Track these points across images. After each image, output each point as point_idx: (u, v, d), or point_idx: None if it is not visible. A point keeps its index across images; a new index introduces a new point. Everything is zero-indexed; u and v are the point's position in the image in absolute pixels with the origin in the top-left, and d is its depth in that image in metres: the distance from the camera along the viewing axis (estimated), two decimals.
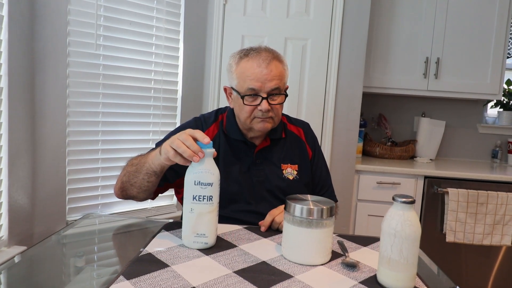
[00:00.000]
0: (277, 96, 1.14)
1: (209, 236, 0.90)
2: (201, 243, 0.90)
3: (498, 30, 2.33)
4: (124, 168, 1.11)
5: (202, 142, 0.87)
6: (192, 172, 0.88)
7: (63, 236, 1.03)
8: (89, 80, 1.77)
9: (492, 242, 2.09)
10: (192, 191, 0.88)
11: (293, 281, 0.77)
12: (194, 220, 0.89)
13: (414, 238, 0.74)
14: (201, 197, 0.88)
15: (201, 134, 0.88)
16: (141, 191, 1.08)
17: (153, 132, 2.00)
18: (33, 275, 0.82)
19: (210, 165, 0.89)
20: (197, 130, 0.90)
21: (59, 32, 1.64)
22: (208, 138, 0.87)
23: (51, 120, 1.65)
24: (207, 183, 0.88)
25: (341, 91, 2.16)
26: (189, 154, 0.86)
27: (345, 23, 2.12)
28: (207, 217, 0.89)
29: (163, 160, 0.93)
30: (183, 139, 0.87)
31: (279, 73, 1.14)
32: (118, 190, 1.13)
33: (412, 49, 2.39)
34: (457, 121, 2.74)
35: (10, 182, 1.53)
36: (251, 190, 1.19)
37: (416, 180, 2.18)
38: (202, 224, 0.89)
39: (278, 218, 1.04)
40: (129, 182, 1.07)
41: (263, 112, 1.12)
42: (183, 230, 0.92)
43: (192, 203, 0.88)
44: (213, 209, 0.90)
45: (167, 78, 2.04)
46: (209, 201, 0.88)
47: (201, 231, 0.89)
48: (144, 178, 1.03)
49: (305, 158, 1.29)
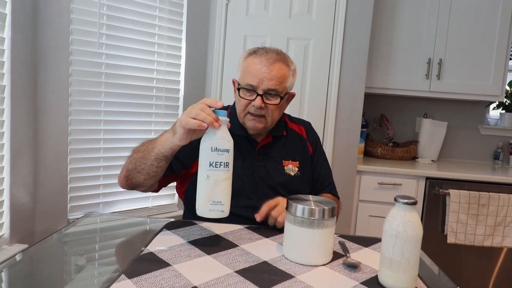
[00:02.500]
0: (273, 97, 1.14)
1: (225, 204, 0.90)
2: (217, 211, 0.89)
3: (501, 31, 2.32)
4: (130, 156, 1.10)
5: (215, 106, 0.90)
6: (209, 139, 0.89)
7: (64, 234, 1.03)
8: (91, 79, 1.77)
9: (493, 243, 2.09)
10: (208, 158, 0.88)
11: (294, 281, 0.77)
12: (210, 187, 0.88)
13: (415, 240, 0.74)
14: (217, 163, 0.88)
15: (212, 100, 0.91)
16: (149, 177, 1.07)
17: (154, 131, 2.00)
18: (34, 273, 0.82)
19: (225, 132, 0.90)
20: (206, 98, 0.93)
21: (62, 31, 1.64)
22: (221, 102, 0.91)
23: (53, 119, 1.66)
24: (224, 149, 0.88)
25: (343, 91, 2.16)
26: (210, 120, 0.87)
27: (347, 23, 2.12)
28: (223, 184, 0.89)
29: (179, 138, 0.94)
30: (201, 108, 0.89)
31: (281, 75, 1.14)
32: (123, 179, 1.11)
33: (414, 50, 2.38)
34: (459, 122, 2.74)
35: (12, 180, 1.53)
36: (253, 185, 1.20)
37: (418, 181, 2.18)
38: (219, 191, 0.89)
39: (275, 212, 1.04)
40: (135, 169, 1.06)
41: (256, 109, 1.13)
42: (198, 199, 0.90)
43: (209, 169, 0.88)
44: (229, 176, 0.90)
45: (169, 78, 2.04)
46: (225, 167, 0.89)
47: (218, 199, 0.89)
48: (153, 164, 1.03)
49: (306, 155, 1.31)
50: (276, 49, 1.18)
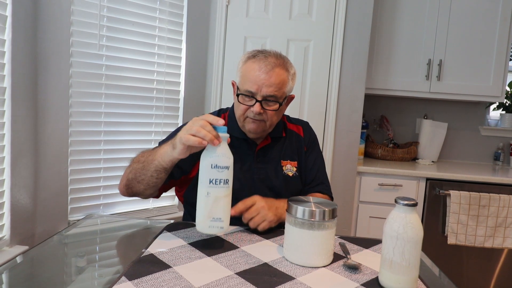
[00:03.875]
0: (272, 103, 1.14)
1: (224, 221, 0.90)
2: (217, 227, 0.90)
3: (501, 32, 2.33)
4: (130, 166, 1.11)
5: (217, 125, 0.89)
6: (209, 156, 0.89)
7: (65, 236, 1.03)
8: (91, 80, 1.77)
9: (493, 244, 2.09)
10: (208, 175, 0.88)
11: (294, 283, 0.77)
12: (210, 204, 0.89)
13: (416, 241, 0.74)
14: (217, 181, 0.88)
15: (214, 117, 0.90)
16: (149, 188, 1.08)
17: (155, 133, 2.01)
18: (35, 275, 0.82)
19: (225, 149, 0.90)
20: (207, 115, 0.93)
21: (62, 33, 1.64)
22: (222, 120, 0.90)
23: (54, 120, 1.66)
24: (224, 166, 0.88)
25: (343, 92, 2.16)
26: (210, 138, 0.87)
27: (347, 24, 2.12)
28: (223, 201, 0.89)
29: (178, 153, 0.93)
30: (201, 125, 0.89)
31: (280, 81, 1.13)
32: (123, 187, 1.13)
33: (414, 51, 2.38)
34: (459, 123, 2.73)
35: (13, 181, 1.53)
36: (252, 188, 1.20)
37: (418, 182, 2.18)
38: (218, 208, 0.89)
39: (247, 214, 1.04)
40: (136, 179, 1.07)
41: (255, 114, 1.13)
42: (197, 215, 0.91)
43: (209, 186, 0.88)
44: (229, 193, 0.91)
45: (169, 79, 2.04)
46: (225, 184, 0.89)
47: (217, 215, 0.89)
48: (153, 175, 1.04)
49: (302, 154, 1.31)
50: (275, 53, 1.17)
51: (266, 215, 1.03)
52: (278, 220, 1.06)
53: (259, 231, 1.04)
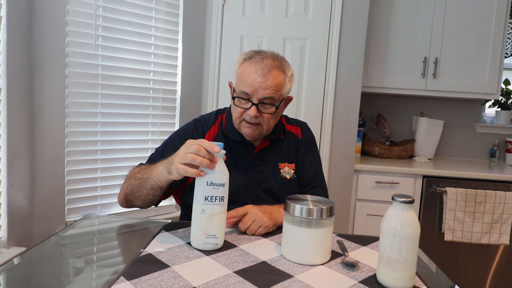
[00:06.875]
0: (268, 106, 1.12)
1: (219, 237, 0.91)
2: (212, 244, 0.90)
3: (496, 30, 2.34)
4: (127, 180, 1.12)
5: (212, 151, 0.87)
6: (205, 174, 0.88)
7: (62, 237, 1.02)
8: (88, 80, 1.76)
9: (490, 241, 2.10)
10: (204, 192, 0.89)
11: (293, 281, 0.77)
12: (205, 221, 0.89)
13: (413, 238, 0.75)
14: (213, 198, 0.89)
15: (208, 144, 0.88)
16: (146, 203, 1.10)
17: (152, 133, 2.00)
18: (32, 277, 0.82)
19: (221, 166, 0.90)
20: (202, 140, 0.90)
21: (57, 33, 1.63)
22: (217, 147, 0.87)
23: (50, 121, 1.65)
24: (219, 183, 0.89)
25: (339, 91, 2.17)
26: (206, 164, 0.86)
27: (343, 23, 2.12)
28: (218, 218, 0.90)
29: (174, 177, 0.92)
30: (195, 151, 0.86)
31: (276, 83, 1.10)
32: (122, 200, 1.15)
33: (410, 49, 2.39)
34: (455, 120, 2.75)
35: (9, 182, 1.52)
36: (248, 190, 1.19)
37: (415, 180, 2.19)
38: (213, 225, 0.90)
39: (241, 225, 1.03)
40: (133, 195, 1.09)
41: (251, 117, 1.11)
42: (192, 232, 0.92)
43: (204, 203, 0.89)
44: (224, 210, 0.91)
45: (166, 79, 2.04)
46: (220, 201, 0.89)
47: (212, 232, 0.90)
48: (149, 193, 1.05)
49: (300, 156, 1.30)
50: (272, 55, 1.14)
51: (261, 221, 1.02)
52: (274, 225, 1.05)
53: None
